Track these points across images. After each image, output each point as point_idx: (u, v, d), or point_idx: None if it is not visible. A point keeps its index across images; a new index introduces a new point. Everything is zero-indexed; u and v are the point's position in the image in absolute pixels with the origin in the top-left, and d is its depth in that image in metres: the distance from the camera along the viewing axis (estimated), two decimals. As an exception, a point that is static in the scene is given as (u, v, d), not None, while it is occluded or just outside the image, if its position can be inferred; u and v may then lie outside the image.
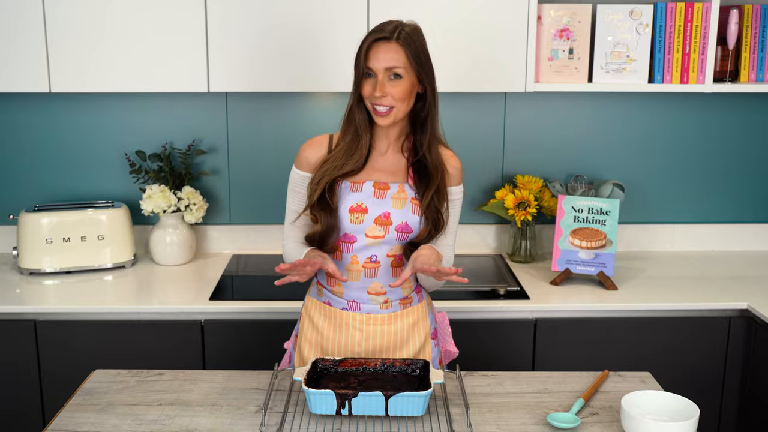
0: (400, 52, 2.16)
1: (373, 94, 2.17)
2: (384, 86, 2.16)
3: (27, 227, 3.21)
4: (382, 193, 2.25)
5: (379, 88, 2.16)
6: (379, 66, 2.16)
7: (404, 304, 2.34)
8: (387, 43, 2.16)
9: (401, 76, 2.17)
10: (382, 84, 2.16)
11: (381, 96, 2.16)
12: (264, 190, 3.50)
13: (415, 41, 2.19)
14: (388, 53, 2.16)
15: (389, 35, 2.16)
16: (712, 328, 2.99)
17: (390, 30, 2.17)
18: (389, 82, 2.17)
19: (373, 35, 2.18)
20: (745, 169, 3.59)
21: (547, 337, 2.96)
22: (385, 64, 2.16)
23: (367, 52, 2.17)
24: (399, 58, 2.16)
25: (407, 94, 2.19)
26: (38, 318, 2.91)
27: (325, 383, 2.09)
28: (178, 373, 2.32)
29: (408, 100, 2.21)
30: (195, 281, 3.19)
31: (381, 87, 2.16)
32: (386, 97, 2.17)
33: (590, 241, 3.09)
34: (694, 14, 3.10)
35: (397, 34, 2.16)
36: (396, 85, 2.17)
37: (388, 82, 2.17)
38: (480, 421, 2.05)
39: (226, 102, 3.44)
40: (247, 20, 3.00)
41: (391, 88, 2.17)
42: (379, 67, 2.16)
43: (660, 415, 1.99)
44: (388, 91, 2.17)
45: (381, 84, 2.16)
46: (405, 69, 2.17)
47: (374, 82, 2.17)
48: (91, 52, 3.00)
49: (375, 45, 2.17)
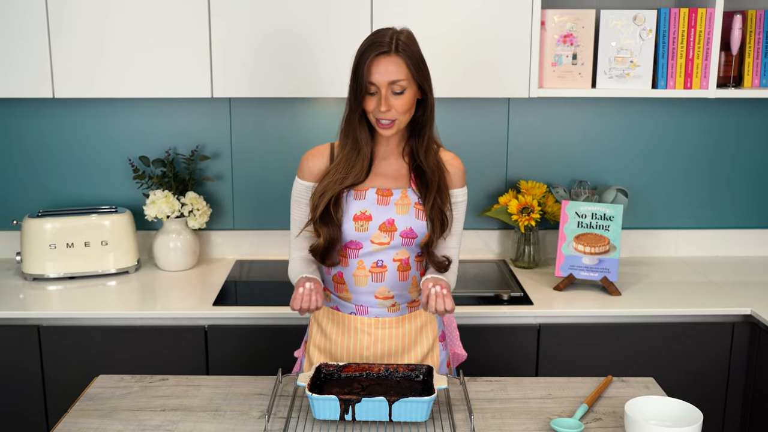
0: (401, 64, 2.15)
1: (378, 109, 2.16)
2: (388, 100, 2.15)
3: (30, 233, 3.21)
4: (386, 200, 2.25)
5: (384, 103, 2.15)
6: (382, 80, 2.15)
7: (412, 308, 2.34)
8: (387, 57, 2.15)
9: (405, 88, 2.16)
10: (386, 99, 2.15)
11: (386, 111, 2.16)
12: (267, 195, 3.51)
13: (413, 49, 2.18)
14: (389, 67, 2.14)
15: (388, 48, 2.14)
16: (716, 334, 2.99)
17: (387, 42, 2.15)
18: (393, 96, 2.16)
19: (372, 50, 2.15)
20: (748, 175, 3.58)
21: (550, 343, 2.96)
22: (388, 78, 2.14)
23: (368, 68, 2.15)
24: (401, 70, 2.15)
25: (410, 105, 2.19)
26: (42, 323, 2.91)
27: (328, 389, 2.09)
28: (182, 379, 2.32)
29: (411, 110, 2.21)
30: (198, 287, 3.19)
31: (386, 102, 2.15)
32: (391, 111, 2.16)
33: (594, 246, 3.09)
34: (697, 20, 3.10)
35: (395, 46, 2.15)
36: (399, 99, 2.16)
37: (391, 96, 2.16)
38: (483, 426, 2.04)
39: (229, 107, 3.44)
40: (251, 26, 3.00)
41: (395, 101, 2.16)
42: (382, 82, 2.15)
43: (663, 420, 1.99)
44: (392, 105, 2.16)
45: (385, 99, 2.15)
46: (407, 81, 2.16)
47: (378, 97, 2.16)
48: (95, 58, 3.01)
49: (376, 60, 2.15)
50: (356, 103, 2.19)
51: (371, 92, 2.17)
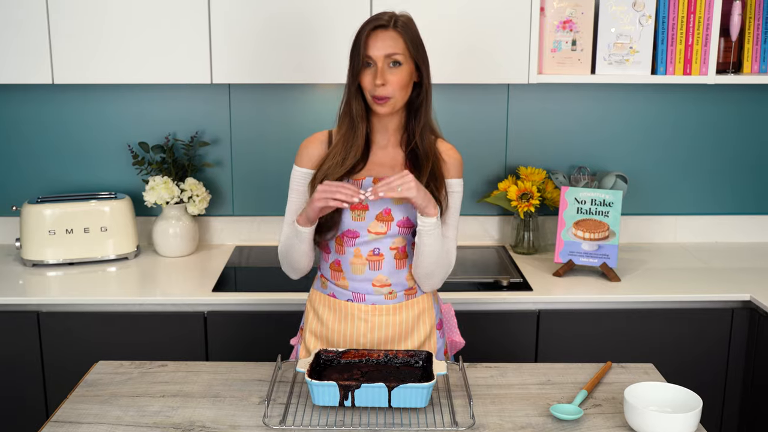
0: (399, 39, 2.17)
1: (374, 83, 2.17)
2: (385, 74, 2.16)
3: (30, 219, 3.21)
4: None
5: (380, 75, 2.16)
6: (378, 53, 2.16)
7: (409, 295, 2.34)
8: (385, 31, 2.17)
9: (401, 63, 2.17)
10: (382, 72, 2.16)
11: (382, 84, 2.16)
12: (267, 181, 3.50)
13: (411, 28, 2.21)
14: (386, 40, 2.17)
15: (386, 23, 2.18)
16: (715, 320, 2.99)
17: (386, 19, 2.19)
18: (389, 70, 2.17)
19: (370, 24, 2.19)
20: (747, 161, 3.58)
21: (550, 329, 2.96)
22: (384, 51, 2.16)
23: (366, 41, 2.17)
24: (398, 45, 2.17)
25: (406, 82, 2.20)
26: (41, 309, 2.91)
27: (328, 375, 2.09)
28: (181, 365, 2.32)
29: (407, 88, 2.21)
30: (198, 273, 3.19)
31: (382, 75, 2.16)
32: (387, 86, 2.17)
33: (593, 232, 3.09)
34: (697, 6, 3.09)
35: (393, 22, 2.18)
36: (396, 73, 2.17)
37: (388, 70, 2.17)
38: (483, 412, 2.05)
39: (229, 93, 3.44)
40: (251, 11, 2.99)
41: (391, 76, 2.17)
42: (378, 55, 2.16)
43: (663, 406, 1.99)
44: (388, 79, 2.17)
45: (382, 72, 2.16)
46: (404, 56, 2.18)
47: (374, 71, 2.17)
48: (94, 43, 3.00)
49: (373, 33, 2.18)
50: (353, 78, 2.21)
51: (368, 64, 2.18)
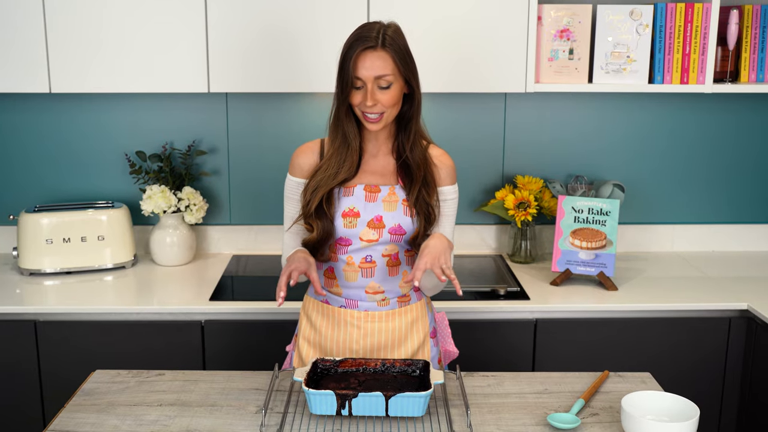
0: (388, 59, 2.15)
1: (364, 103, 2.16)
2: (374, 95, 2.16)
3: (27, 228, 3.21)
4: (373, 197, 2.25)
5: (370, 97, 2.15)
6: (368, 75, 2.15)
7: (402, 302, 2.34)
8: (373, 52, 2.15)
9: (391, 83, 2.16)
10: (372, 93, 2.16)
11: (372, 105, 2.16)
12: (264, 190, 3.50)
13: (399, 43, 2.18)
14: (375, 62, 2.15)
15: (375, 43, 2.14)
16: (713, 329, 2.99)
17: (374, 37, 2.15)
18: (379, 91, 2.16)
19: (358, 44, 2.15)
20: (745, 170, 3.59)
21: (547, 338, 2.96)
22: (374, 73, 2.15)
23: (355, 63, 2.15)
24: (387, 65, 2.15)
25: (397, 100, 2.19)
26: (38, 318, 2.91)
27: (325, 384, 2.09)
28: (178, 374, 2.32)
29: (398, 104, 2.21)
30: (195, 282, 3.19)
31: (372, 96, 2.16)
32: (377, 105, 2.17)
33: (590, 241, 3.09)
34: (694, 15, 3.10)
35: (382, 40, 2.15)
36: (386, 93, 2.16)
37: (377, 91, 2.16)
38: (480, 421, 2.05)
39: (226, 102, 3.44)
40: (248, 21, 3.00)
41: (381, 96, 2.16)
42: (368, 76, 2.15)
43: (660, 415, 1.99)
44: (378, 99, 2.16)
45: (371, 93, 2.16)
46: (394, 75, 2.16)
47: (364, 92, 2.16)
48: (92, 52, 3.01)
49: (362, 54, 2.15)
50: (343, 97, 2.20)
51: (357, 86, 2.17)
